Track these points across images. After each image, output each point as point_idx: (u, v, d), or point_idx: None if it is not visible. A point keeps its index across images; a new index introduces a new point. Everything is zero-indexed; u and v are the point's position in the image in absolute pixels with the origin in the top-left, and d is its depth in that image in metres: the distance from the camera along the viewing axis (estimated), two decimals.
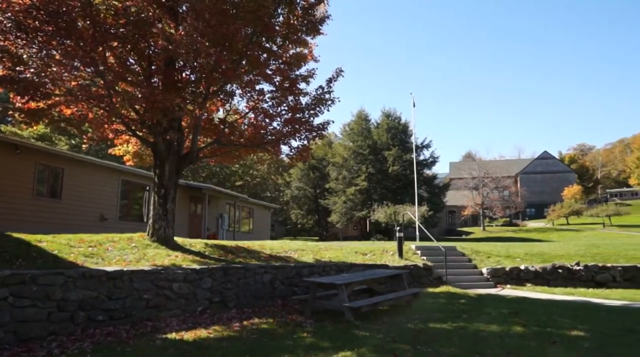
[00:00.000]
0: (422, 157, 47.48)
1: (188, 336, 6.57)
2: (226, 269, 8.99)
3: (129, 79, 9.71)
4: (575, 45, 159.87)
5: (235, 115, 12.89)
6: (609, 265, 13.42)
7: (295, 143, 11.79)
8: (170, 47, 8.64)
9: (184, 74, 10.51)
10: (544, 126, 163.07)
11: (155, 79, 10.10)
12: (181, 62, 10.06)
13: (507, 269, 13.49)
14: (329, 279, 8.72)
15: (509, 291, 12.24)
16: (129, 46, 9.33)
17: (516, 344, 6.12)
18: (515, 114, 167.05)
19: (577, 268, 13.34)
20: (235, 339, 6.49)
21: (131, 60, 10.03)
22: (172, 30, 9.27)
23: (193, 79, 10.39)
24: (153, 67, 10.04)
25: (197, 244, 11.23)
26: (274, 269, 9.93)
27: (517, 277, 13.35)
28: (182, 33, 8.80)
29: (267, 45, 10.61)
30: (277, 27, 10.38)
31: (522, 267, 13.51)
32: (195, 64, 9.90)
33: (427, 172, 48.73)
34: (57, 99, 9.19)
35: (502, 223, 60.08)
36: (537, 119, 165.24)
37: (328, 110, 11.44)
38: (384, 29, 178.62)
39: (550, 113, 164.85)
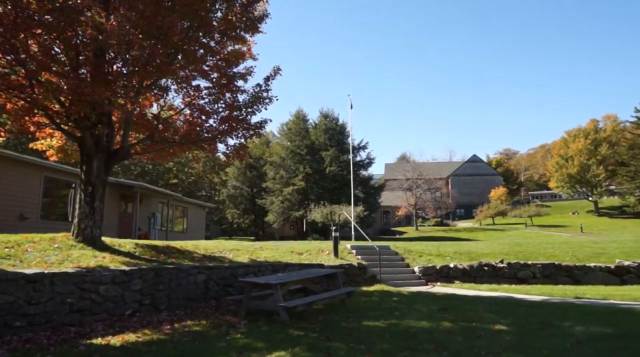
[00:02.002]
0: (358, 158, 48.31)
1: (115, 340, 6.28)
2: (157, 270, 8.67)
3: (54, 69, 9.12)
4: (502, 55, 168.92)
5: (170, 111, 12.47)
6: (530, 263, 14.28)
7: (232, 141, 11.58)
8: (100, 37, 8.21)
9: (115, 67, 10.02)
10: (473, 131, 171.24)
11: (83, 71, 9.54)
12: (112, 54, 9.59)
13: (438, 267, 14.01)
14: (264, 279, 8.65)
15: (439, 288, 12.70)
16: (54, 34, 8.76)
17: (444, 339, 6.35)
18: (447, 118, 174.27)
19: (502, 266, 14.08)
20: (165, 342, 6.27)
21: (57, 50, 9.42)
22: (103, 20, 8.81)
23: (125, 71, 9.93)
24: (81, 58, 9.48)
25: (127, 244, 10.77)
26: (208, 269, 9.71)
27: (447, 274, 13.90)
28: (114, 23, 8.38)
29: (205, 40, 10.35)
30: (215, 23, 10.16)
31: (452, 265, 14.08)
32: (127, 56, 9.46)
33: (363, 173, 49.63)
34: None
35: (433, 223, 62.31)
36: (468, 124, 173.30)
37: (266, 109, 11.36)
38: (322, 31, 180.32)
39: (479, 118, 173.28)
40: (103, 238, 10.22)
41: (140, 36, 8.69)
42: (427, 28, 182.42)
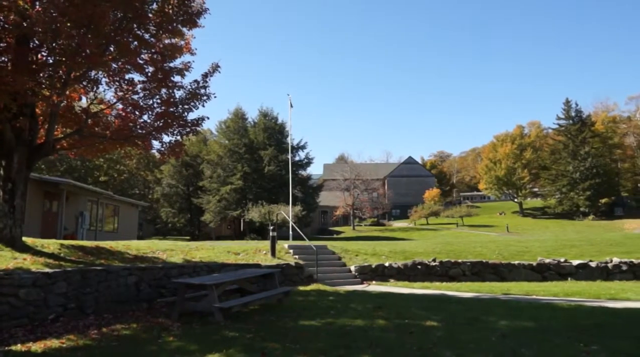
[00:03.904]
0: (297, 158, 48.43)
1: (36, 347, 5.89)
2: (84, 271, 8.22)
3: None
4: (435, 61, 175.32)
5: (101, 105, 11.89)
6: (460, 261, 14.89)
7: (167, 138, 11.19)
8: (24, 24, 7.69)
9: (40, 55, 9.41)
10: (409, 133, 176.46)
11: (4, 58, 8.90)
12: (37, 42, 9.00)
13: (373, 266, 14.29)
14: (199, 280, 8.44)
15: (374, 286, 12.95)
16: None
17: (378, 336, 6.47)
18: (384, 120, 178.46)
19: (434, 264, 14.59)
20: (92, 347, 5.96)
21: None
22: (28, 6, 8.25)
23: (51, 61, 9.35)
24: (2, 45, 8.84)
25: (51, 245, 10.15)
26: (139, 270, 9.32)
27: (382, 273, 14.21)
28: (39, 9, 7.88)
29: (139, 32, 9.92)
30: (151, 15, 9.77)
31: (387, 264, 14.41)
32: (54, 45, 8.91)
33: (302, 173, 49.79)
34: None
35: (370, 223, 63.58)
36: (404, 126, 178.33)
37: (203, 106, 11.09)
38: (262, 30, 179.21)
39: (414, 121, 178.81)
40: (24, 238, 9.58)
41: (69, 24, 8.20)
42: (365, 30, 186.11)
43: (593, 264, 14.85)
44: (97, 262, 9.35)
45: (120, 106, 11.23)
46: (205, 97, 11.02)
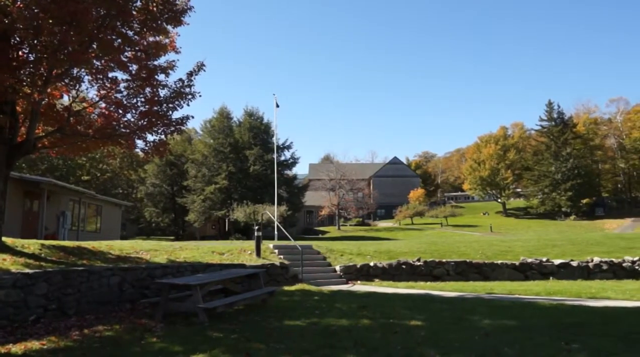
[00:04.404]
0: (283, 158, 48.33)
1: (16, 349, 5.79)
2: (66, 272, 8.10)
3: None
4: (421, 62, 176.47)
5: (84, 104, 11.73)
6: (444, 261, 14.99)
7: (151, 137, 11.06)
8: (5, 20, 7.55)
9: (21, 52, 9.25)
10: (394, 133, 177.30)
11: None
12: (18, 39, 8.84)
13: (358, 266, 14.32)
14: (183, 280, 8.37)
15: (359, 286, 12.98)
16: None
17: (363, 336, 6.48)
18: (370, 120, 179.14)
19: (418, 264, 14.67)
20: (73, 349, 5.88)
21: None
22: (8, 2, 8.10)
23: (32, 58, 9.19)
24: None
25: (32, 245, 9.99)
26: (122, 271, 9.21)
27: (367, 273, 14.25)
28: (21, 5, 7.75)
29: (123, 30, 9.80)
30: (135, 12, 9.65)
31: (372, 264, 14.45)
32: (35, 42, 8.77)
33: (288, 172, 49.72)
34: None
35: (355, 223, 63.75)
36: (389, 127, 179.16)
37: (188, 105, 10.99)
38: (249, 29, 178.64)
39: (400, 122, 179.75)
40: (4, 238, 9.41)
41: (51, 21, 8.07)
42: (351, 31, 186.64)
43: (574, 264, 15.07)
44: (79, 262, 9.23)
45: (103, 105, 11.08)
46: (190, 96, 10.93)
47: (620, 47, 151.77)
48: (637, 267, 15.06)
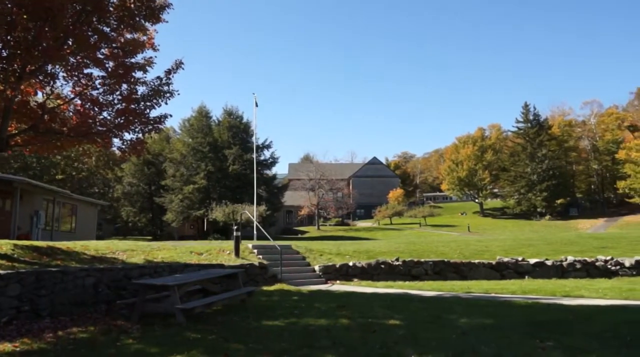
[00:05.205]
0: (262, 158, 48.11)
1: None
2: (39, 273, 7.92)
3: None
4: (399, 65, 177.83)
5: (58, 101, 11.48)
6: (422, 260, 15.10)
7: (128, 136, 10.90)
8: None
9: None
10: (374, 134, 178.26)
11: None
12: None
13: (337, 265, 14.33)
14: (160, 280, 8.26)
15: (338, 286, 13.00)
16: None
17: (341, 335, 6.49)
18: (349, 120, 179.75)
19: (397, 263, 14.76)
20: (47, 352, 5.75)
21: None
22: None
23: (5, 54, 8.96)
24: None
25: (4, 245, 9.74)
26: (98, 271, 9.05)
27: (346, 273, 14.27)
28: None
29: (100, 26, 9.64)
30: (112, 8, 9.50)
31: (351, 263, 14.49)
32: (9, 37, 8.56)
33: (267, 172, 49.53)
34: None
35: (335, 223, 63.89)
36: (369, 127, 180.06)
37: (166, 103, 10.85)
38: (228, 28, 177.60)
39: (379, 122, 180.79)
40: None
41: (25, 16, 7.90)
42: (331, 32, 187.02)
43: (549, 263, 15.36)
44: (53, 263, 9.05)
45: (79, 102, 10.87)
46: (168, 94, 10.81)
47: (594, 50, 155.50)
48: (609, 267, 15.42)
